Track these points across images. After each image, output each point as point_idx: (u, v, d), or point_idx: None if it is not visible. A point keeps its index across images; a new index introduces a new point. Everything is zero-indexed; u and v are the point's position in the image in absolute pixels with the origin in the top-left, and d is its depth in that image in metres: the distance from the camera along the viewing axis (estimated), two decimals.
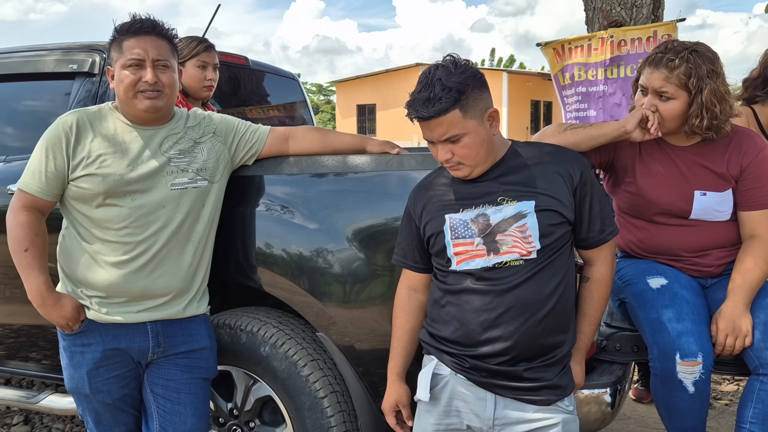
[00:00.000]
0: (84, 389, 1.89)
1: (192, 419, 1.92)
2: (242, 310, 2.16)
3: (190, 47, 2.58)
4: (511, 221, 1.54)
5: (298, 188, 2.03)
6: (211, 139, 1.99)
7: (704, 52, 1.88)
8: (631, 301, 1.97)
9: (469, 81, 1.52)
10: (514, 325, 1.52)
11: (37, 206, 1.82)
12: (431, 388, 1.61)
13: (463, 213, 1.59)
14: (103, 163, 1.81)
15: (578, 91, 4.78)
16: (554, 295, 1.55)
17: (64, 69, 2.49)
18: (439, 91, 1.49)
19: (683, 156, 1.97)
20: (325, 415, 1.96)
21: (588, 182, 1.60)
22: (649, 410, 3.06)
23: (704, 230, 1.97)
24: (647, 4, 4.51)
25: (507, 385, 1.54)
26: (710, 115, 1.86)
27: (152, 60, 1.82)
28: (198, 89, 2.61)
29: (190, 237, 1.92)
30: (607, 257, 1.67)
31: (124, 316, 1.86)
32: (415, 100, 1.52)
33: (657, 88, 1.89)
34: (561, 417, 1.56)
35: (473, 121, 1.53)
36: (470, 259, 1.57)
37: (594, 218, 1.61)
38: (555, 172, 1.58)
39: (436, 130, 1.53)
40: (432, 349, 1.65)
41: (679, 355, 1.76)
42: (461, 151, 1.55)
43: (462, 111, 1.51)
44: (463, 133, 1.52)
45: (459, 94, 1.50)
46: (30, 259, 1.79)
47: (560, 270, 1.57)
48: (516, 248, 1.54)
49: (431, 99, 1.50)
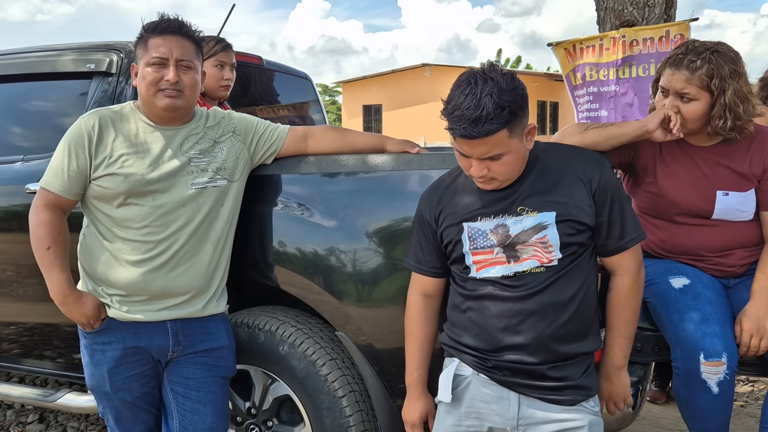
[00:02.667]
0: (104, 387, 1.89)
1: (212, 417, 1.93)
2: (260, 309, 2.16)
3: (208, 47, 2.58)
4: (531, 233, 1.52)
5: (316, 187, 2.03)
6: (230, 139, 1.99)
7: (726, 53, 1.86)
8: (653, 301, 1.96)
9: (519, 99, 1.44)
10: (536, 330, 1.51)
11: (59, 205, 1.83)
12: (454, 389, 1.60)
13: (481, 222, 1.56)
14: (125, 162, 1.81)
15: (590, 91, 4.76)
16: (575, 299, 1.53)
17: (81, 69, 2.50)
18: (492, 110, 1.40)
19: (705, 156, 1.96)
20: (343, 414, 1.96)
21: (608, 186, 1.56)
22: (663, 411, 3.04)
23: (726, 230, 1.96)
24: (659, 4, 4.50)
25: (530, 384, 1.53)
26: (734, 116, 1.84)
27: (176, 59, 1.82)
28: (215, 89, 2.62)
29: (209, 236, 1.92)
30: (629, 266, 1.61)
31: (145, 314, 1.87)
32: (462, 116, 1.42)
33: (678, 90, 1.87)
34: (588, 419, 1.54)
35: (516, 140, 1.47)
36: (490, 267, 1.55)
37: (613, 223, 1.57)
38: (575, 177, 1.55)
39: (478, 148, 1.45)
40: (453, 351, 1.64)
41: (703, 355, 1.75)
42: (499, 169, 1.49)
43: (509, 131, 1.44)
44: (506, 152, 1.46)
45: (511, 115, 1.42)
46: (52, 258, 1.79)
47: (581, 274, 1.55)
48: (536, 256, 1.52)
49: (482, 118, 1.40)
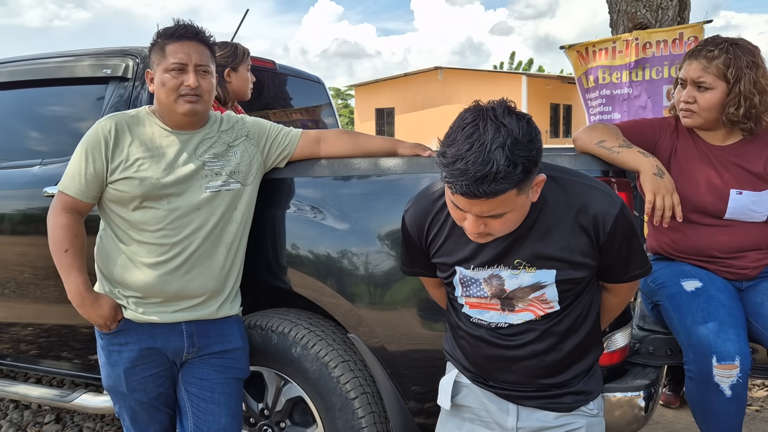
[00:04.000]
0: (121, 388, 1.92)
1: (226, 418, 1.94)
2: (273, 312, 2.18)
3: (241, 51, 2.70)
4: (528, 291, 1.39)
5: (329, 190, 2.05)
6: (244, 142, 2.01)
7: (745, 45, 1.89)
8: (665, 303, 1.95)
9: (535, 154, 1.21)
10: (529, 371, 1.46)
11: (77, 208, 1.86)
12: (454, 396, 1.59)
13: (474, 271, 1.42)
14: (141, 167, 1.84)
15: (602, 94, 4.75)
16: (571, 335, 1.45)
17: (97, 74, 2.54)
18: (503, 167, 1.16)
19: (719, 155, 1.96)
20: (356, 416, 1.97)
21: (617, 232, 1.36)
22: (677, 415, 3.02)
23: (739, 231, 1.95)
24: (673, 6, 4.47)
25: (529, 395, 1.50)
26: (748, 104, 1.85)
27: (195, 65, 1.85)
28: (246, 91, 2.74)
29: (223, 239, 1.94)
30: (623, 291, 1.53)
31: (160, 316, 1.89)
32: (466, 171, 1.17)
33: (695, 79, 1.89)
34: (585, 421, 1.50)
35: (523, 196, 1.26)
36: (484, 310, 1.46)
37: (618, 263, 1.43)
38: (580, 226, 1.35)
39: (478, 206, 1.23)
40: (453, 363, 1.62)
41: (716, 358, 1.75)
42: (498, 227, 1.29)
43: (518, 190, 1.22)
44: (510, 210, 1.26)
45: (524, 174, 1.20)
46: (70, 260, 1.82)
47: (578, 309, 1.45)
48: (532, 310, 1.42)
49: (490, 176, 1.16)
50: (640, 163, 1.74)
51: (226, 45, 2.68)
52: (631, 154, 1.76)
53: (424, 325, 1.91)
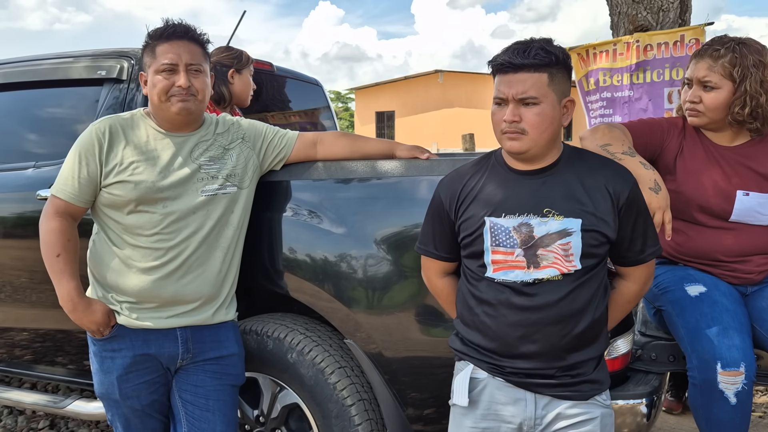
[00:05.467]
0: (114, 394, 1.89)
1: (221, 426, 1.91)
2: (269, 317, 2.15)
3: (245, 56, 2.69)
4: (555, 237, 1.48)
5: (326, 194, 2.02)
6: (239, 145, 1.99)
7: (752, 44, 1.87)
8: (668, 309, 1.92)
9: (564, 59, 1.49)
10: (552, 340, 1.50)
11: (70, 212, 1.83)
12: (469, 392, 1.58)
13: (505, 219, 1.51)
14: (136, 170, 1.81)
15: (603, 97, 4.72)
16: (589, 309, 1.52)
17: (92, 75, 2.51)
18: (539, 48, 1.46)
19: (727, 156, 1.94)
20: (352, 423, 1.93)
21: (634, 202, 1.53)
22: (680, 422, 2.99)
23: (745, 234, 1.93)
24: (674, 9, 4.46)
25: (546, 383, 1.53)
26: (754, 103, 1.83)
27: (185, 64, 1.83)
28: (247, 97, 2.72)
29: (219, 243, 1.91)
30: (641, 277, 1.61)
31: (154, 321, 1.86)
32: (510, 47, 1.48)
33: (701, 78, 1.87)
34: (599, 411, 1.54)
35: (553, 95, 1.48)
36: (508, 270, 1.51)
37: (636, 238, 1.55)
38: (603, 187, 1.51)
39: (516, 86, 1.46)
40: (466, 357, 1.62)
41: (720, 364, 1.72)
42: (532, 118, 1.46)
43: (550, 77, 1.46)
44: (541, 99, 1.46)
45: (555, 59, 1.46)
46: (62, 265, 1.79)
47: (595, 282, 1.53)
48: (556, 264, 1.49)
49: (528, 49, 1.45)
50: (638, 174, 1.72)
51: (231, 49, 2.69)
52: (632, 163, 1.74)
53: (422, 330, 1.88)
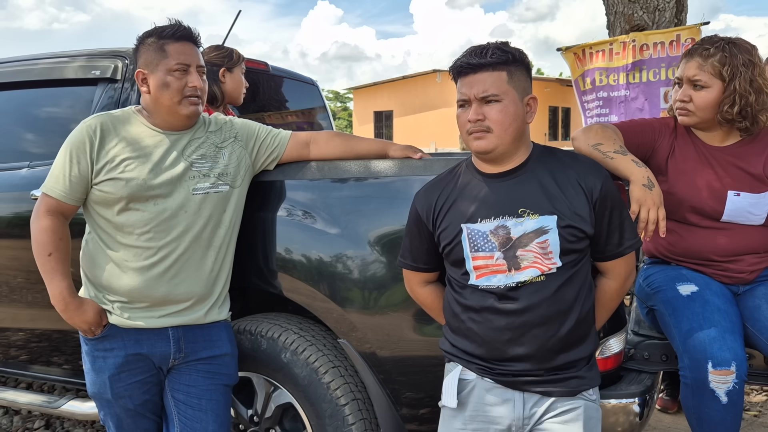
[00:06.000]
0: (106, 394, 1.88)
1: (213, 426, 1.91)
2: (263, 316, 2.14)
3: (236, 54, 2.68)
4: (533, 236, 1.50)
5: (320, 193, 2.01)
6: (232, 144, 1.98)
7: (742, 44, 1.88)
8: (661, 308, 1.92)
9: (521, 57, 1.54)
10: (539, 341, 1.51)
11: (61, 210, 1.83)
12: (458, 393, 1.58)
13: (481, 224, 1.53)
14: (127, 167, 1.81)
15: (599, 96, 4.72)
16: (574, 308, 1.52)
17: (86, 75, 2.51)
18: (495, 48, 1.51)
19: (718, 156, 1.94)
20: (346, 422, 1.93)
21: (608, 196, 1.55)
22: (675, 420, 2.99)
23: (737, 234, 1.93)
24: (670, 8, 4.46)
25: (534, 380, 1.53)
26: (743, 102, 1.83)
27: (196, 66, 1.86)
28: (239, 95, 2.72)
29: (211, 242, 1.91)
30: (621, 272, 1.62)
31: (146, 321, 1.86)
32: (468, 50, 1.54)
33: (691, 77, 1.87)
34: (583, 403, 1.55)
35: (514, 92, 1.52)
36: (491, 275, 1.53)
37: (612, 232, 1.57)
38: (576, 182, 1.54)
39: (476, 85, 1.51)
40: (455, 359, 1.62)
41: (711, 364, 1.72)
42: (495, 115, 1.51)
43: (508, 76, 1.51)
44: (502, 96, 1.50)
45: (512, 57, 1.52)
46: (53, 264, 1.79)
47: (578, 281, 1.54)
48: (536, 264, 1.50)
49: (485, 50, 1.51)
50: (631, 172, 1.72)
51: (221, 48, 2.68)
52: (624, 161, 1.74)
53: (416, 330, 1.88)
